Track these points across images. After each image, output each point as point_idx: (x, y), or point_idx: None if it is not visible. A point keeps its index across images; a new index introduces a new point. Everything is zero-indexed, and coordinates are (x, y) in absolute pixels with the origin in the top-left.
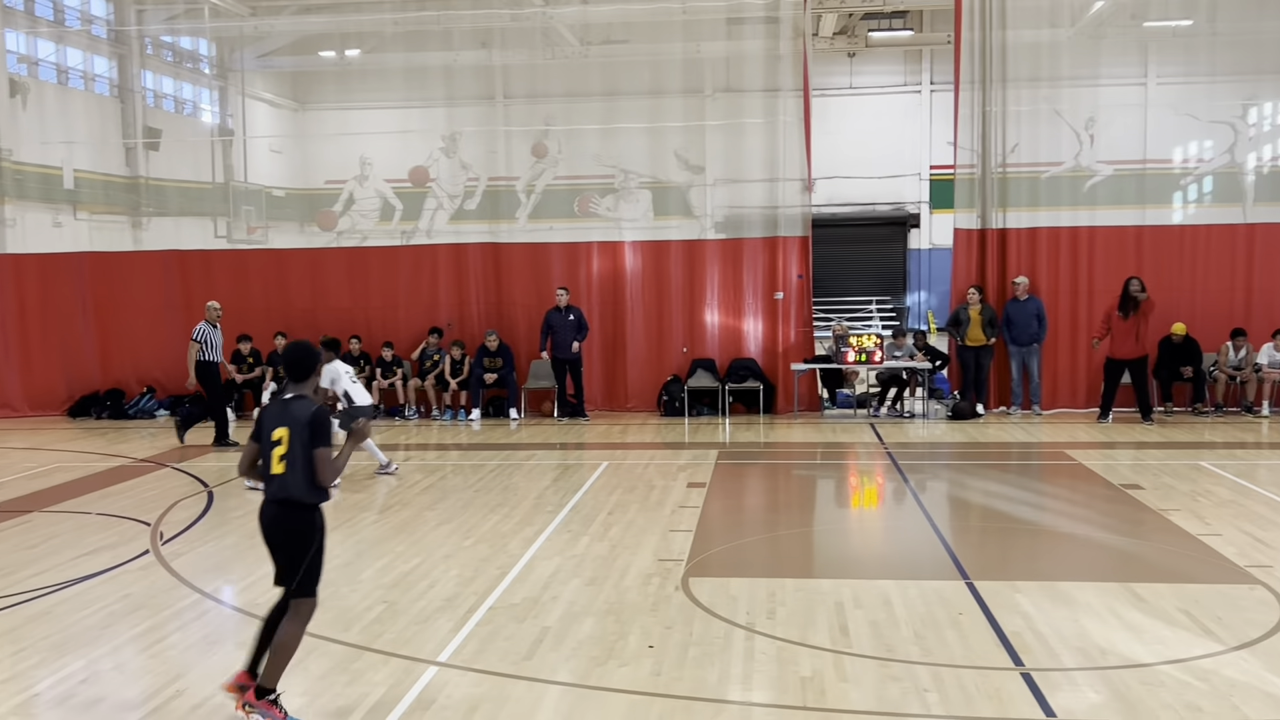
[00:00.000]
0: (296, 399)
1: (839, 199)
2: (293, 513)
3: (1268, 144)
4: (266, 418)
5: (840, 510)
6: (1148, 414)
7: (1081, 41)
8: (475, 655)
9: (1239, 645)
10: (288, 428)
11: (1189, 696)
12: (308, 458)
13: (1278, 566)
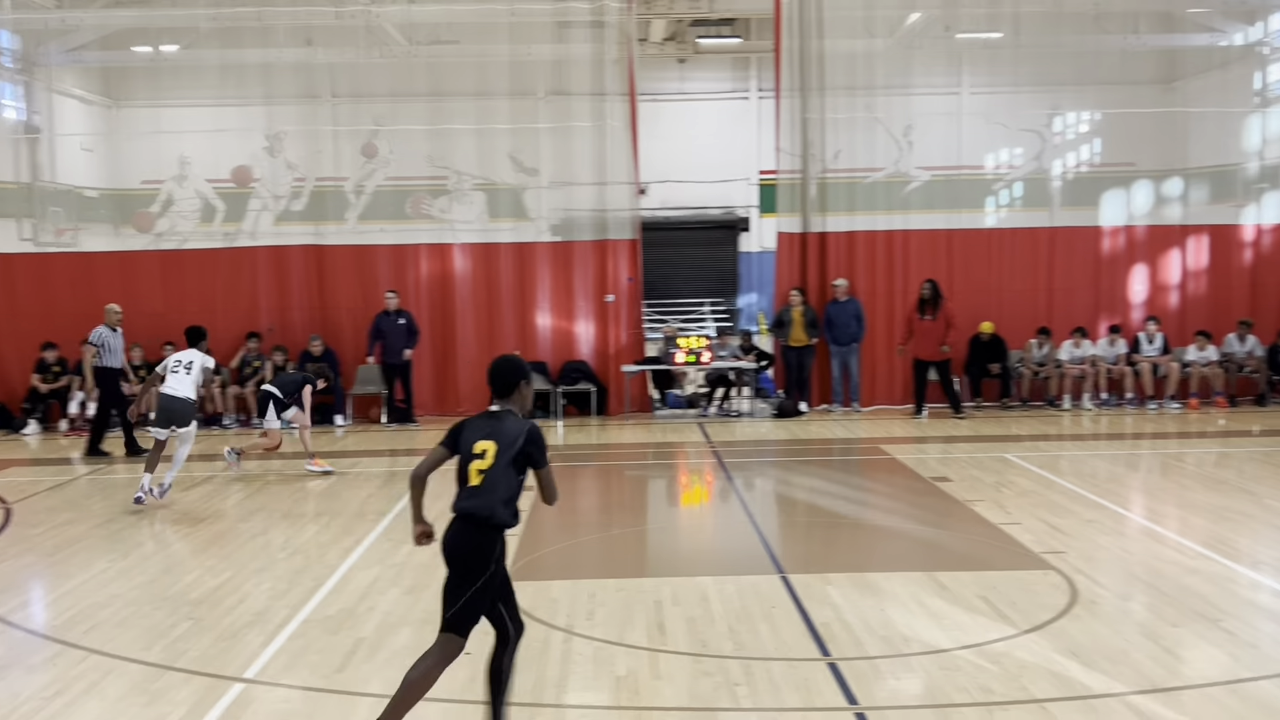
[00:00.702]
0: (505, 413)
1: (672, 202)
2: (478, 531)
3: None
4: (469, 429)
5: (667, 509)
6: (958, 409)
7: (897, 52)
8: (284, 670)
9: (1031, 628)
10: (495, 443)
11: (982, 679)
12: (509, 477)
13: (1071, 552)
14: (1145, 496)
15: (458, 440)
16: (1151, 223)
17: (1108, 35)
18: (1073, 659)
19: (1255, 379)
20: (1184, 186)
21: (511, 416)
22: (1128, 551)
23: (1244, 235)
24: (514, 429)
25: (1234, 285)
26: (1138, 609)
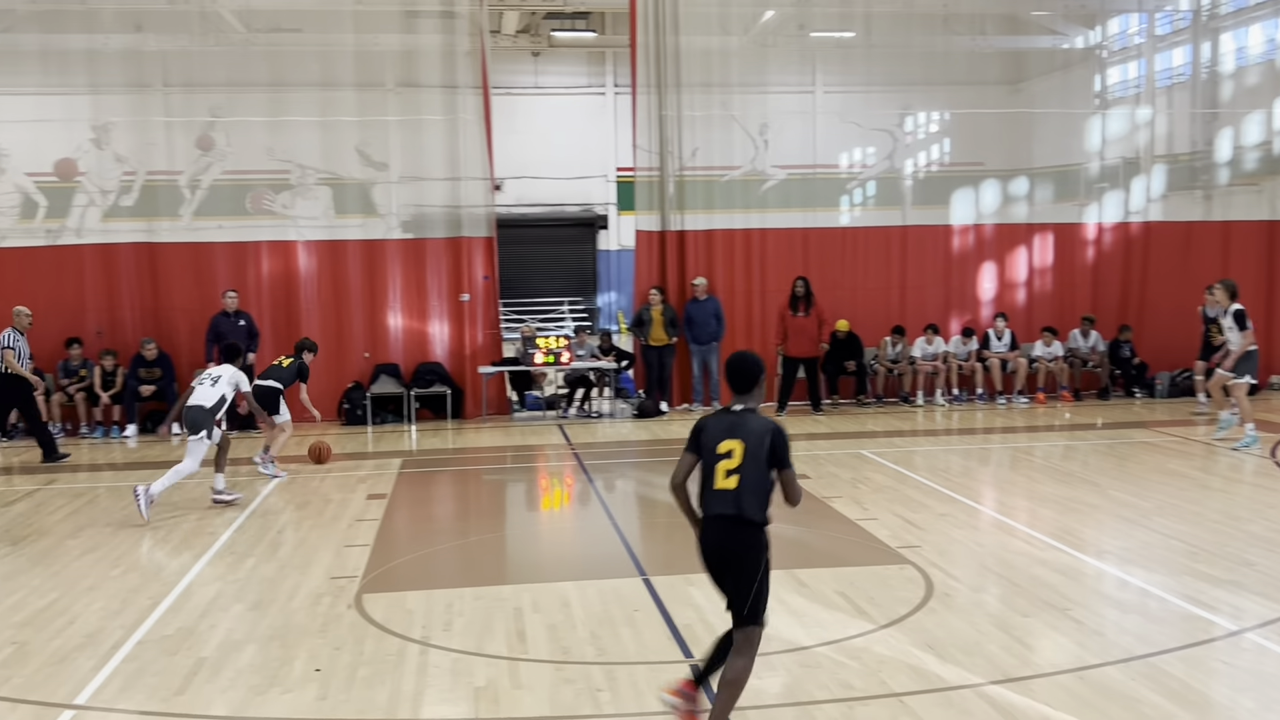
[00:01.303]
0: (747, 411)
1: (528, 199)
2: (744, 531)
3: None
4: (710, 429)
5: (526, 514)
6: (818, 406)
7: (752, 50)
8: (119, 694)
9: (889, 623)
10: (742, 442)
11: (843, 675)
12: (759, 474)
13: (926, 546)
14: (996, 490)
15: (699, 442)
16: (999, 221)
17: (956, 37)
18: (929, 652)
19: (1098, 373)
20: (1029, 186)
21: (753, 415)
22: (980, 544)
23: (1086, 234)
24: (759, 427)
25: (1077, 282)
26: (990, 600)
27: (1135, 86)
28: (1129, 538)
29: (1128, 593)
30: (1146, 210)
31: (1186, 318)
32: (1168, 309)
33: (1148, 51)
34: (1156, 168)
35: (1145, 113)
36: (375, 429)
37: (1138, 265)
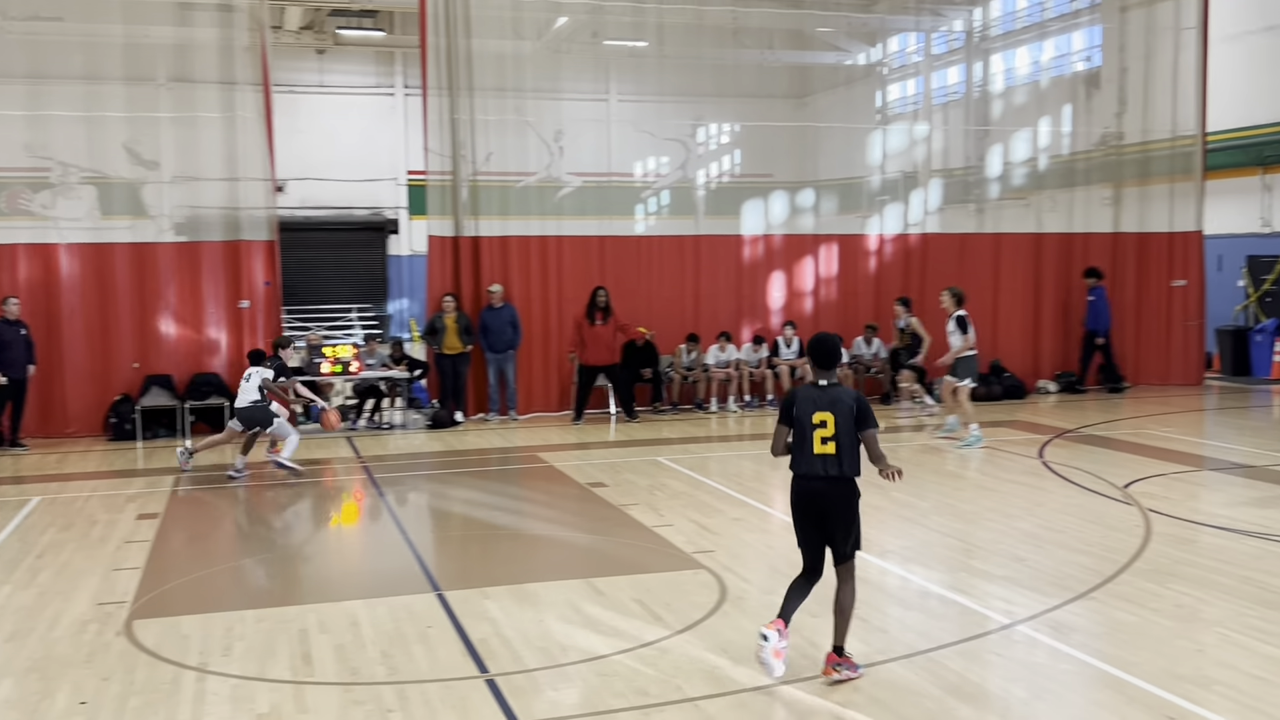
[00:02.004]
0: (833, 385)
1: (314, 202)
2: (846, 487)
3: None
4: (801, 402)
5: (312, 531)
6: (632, 412)
7: (546, 55)
8: None
9: (684, 628)
10: (833, 413)
11: (639, 682)
12: (850, 438)
13: (720, 551)
14: (786, 493)
15: (792, 413)
16: (787, 232)
17: (745, 50)
18: (723, 655)
19: (880, 379)
20: (816, 197)
21: (839, 387)
22: (771, 547)
23: (869, 244)
24: (846, 398)
25: (860, 291)
26: (780, 602)
27: (914, 103)
28: (910, 537)
29: (909, 591)
30: (924, 222)
31: None
32: (944, 317)
33: (925, 70)
34: (933, 182)
35: (923, 129)
36: (146, 444)
37: (916, 275)
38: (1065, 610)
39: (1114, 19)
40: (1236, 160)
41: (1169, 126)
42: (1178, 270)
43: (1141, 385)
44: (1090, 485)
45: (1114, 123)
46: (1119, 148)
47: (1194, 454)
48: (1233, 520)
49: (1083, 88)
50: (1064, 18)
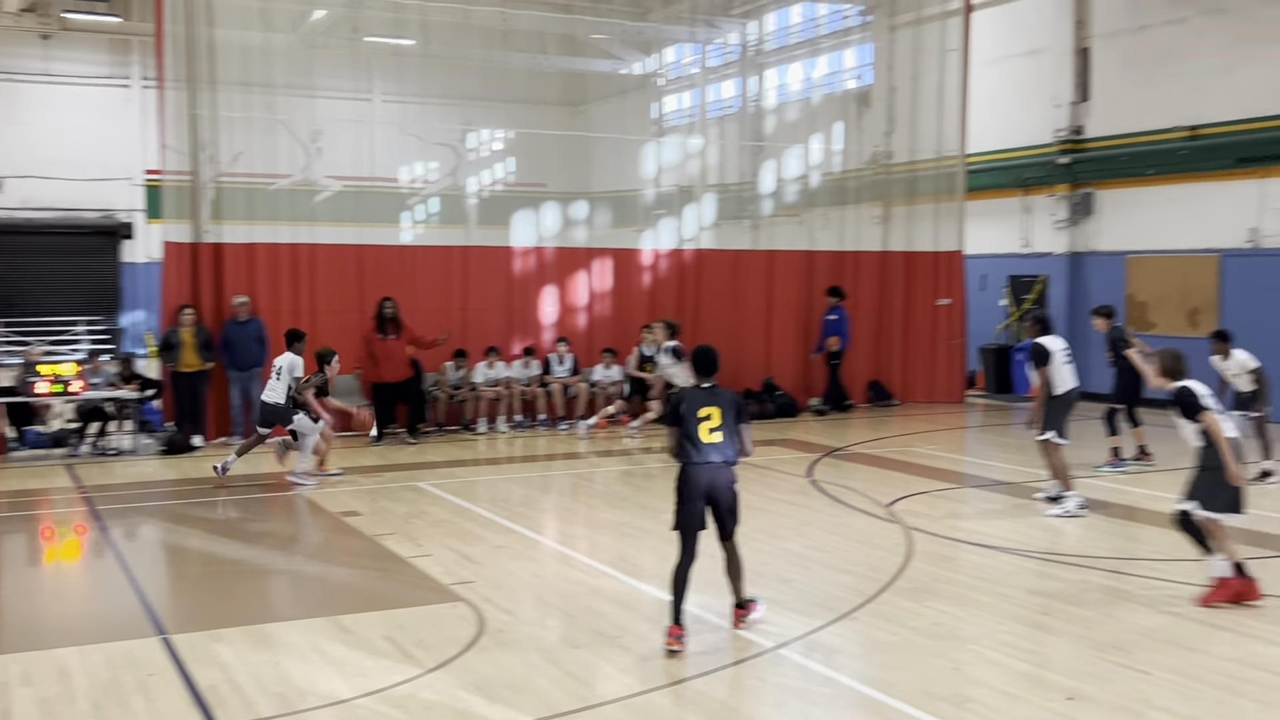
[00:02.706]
0: (715, 387)
1: (37, 202)
2: (730, 471)
3: (487, 169)
4: (689, 401)
5: (21, 571)
6: (415, 432)
7: (301, 50)
8: None
9: (437, 665)
10: (719, 408)
11: None
12: (732, 430)
13: (481, 581)
14: (556, 518)
15: (679, 413)
16: (560, 244)
17: (517, 53)
18: (477, 693)
19: None
20: (590, 210)
21: (720, 389)
22: (536, 576)
23: (643, 259)
24: (728, 397)
25: (635, 306)
26: (543, 634)
27: (690, 116)
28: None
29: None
30: (699, 237)
31: (736, 342)
32: (719, 333)
33: (701, 82)
34: (708, 197)
35: (697, 142)
36: None
37: (691, 291)
38: (827, 632)
39: (884, 38)
40: (999, 181)
41: (934, 147)
42: (942, 289)
43: (909, 403)
44: (856, 504)
45: (883, 142)
46: (888, 167)
47: (956, 471)
48: (990, 536)
49: (854, 106)
50: (836, 35)
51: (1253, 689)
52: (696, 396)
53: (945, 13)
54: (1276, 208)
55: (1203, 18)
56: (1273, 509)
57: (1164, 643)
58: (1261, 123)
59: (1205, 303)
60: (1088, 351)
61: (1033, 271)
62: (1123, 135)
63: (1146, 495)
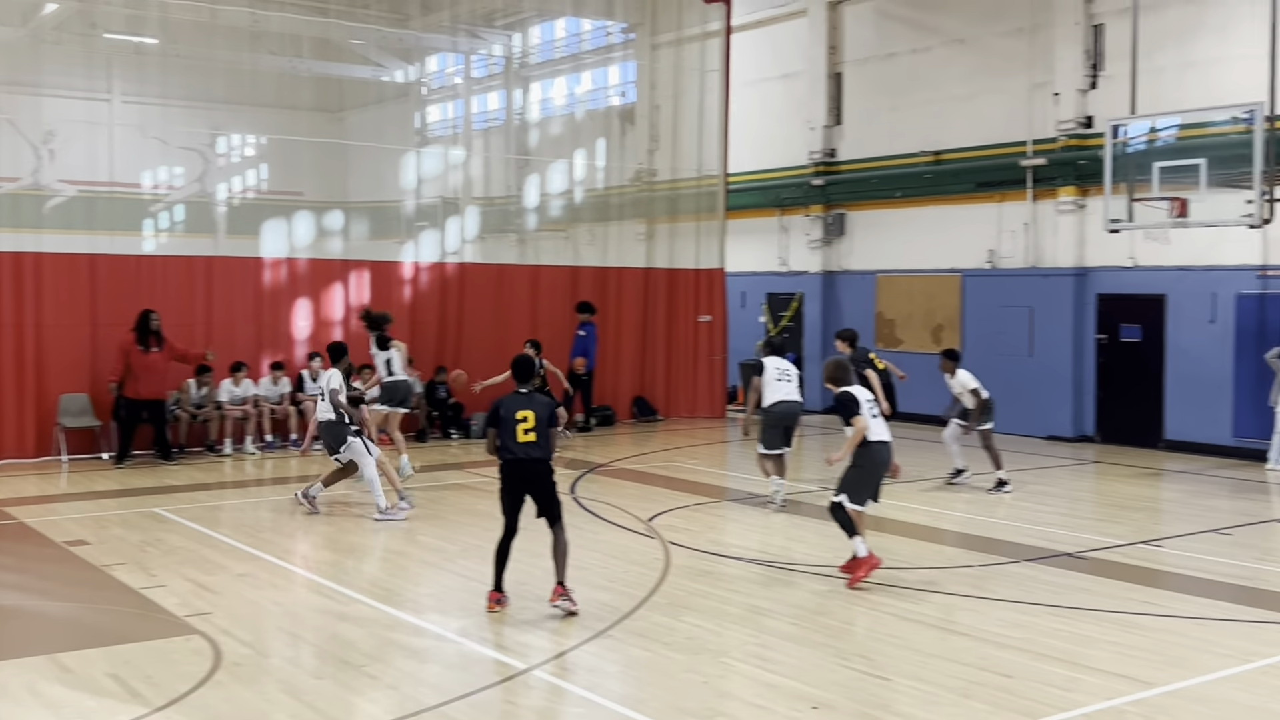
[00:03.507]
0: (532, 392)
1: None
2: (543, 465)
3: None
4: (506, 405)
5: None
6: (169, 454)
7: (29, 44)
8: None
9: (166, 703)
10: (534, 411)
11: None
12: (546, 431)
13: (218, 612)
14: (305, 543)
15: (498, 415)
16: (315, 256)
17: (268, 56)
18: None
19: (416, 415)
20: (347, 220)
21: (537, 393)
22: (279, 604)
23: (404, 272)
24: (543, 403)
25: (395, 320)
26: (283, 665)
27: (454, 127)
28: (433, 584)
29: (427, 641)
30: (462, 251)
31: (501, 358)
32: (482, 350)
33: (464, 93)
34: (472, 209)
35: (459, 153)
36: None
37: (454, 306)
38: (583, 650)
39: (646, 56)
40: (758, 201)
41: (696, 166)
42: (704, 306)
43: (673, 418)
44: (617, 520)
45: (647, 159)
46: (651, 184)
47: (716, 485)
48: (746, 549)
49: (618, 123)
50: (600, 51)
51: (983, 690)
52: (515, 401)
53: (705, 34)
54: (1013, 230)
55: (945, 48)
56: (1006, 517)
57: (905, 650)
58: (998, 149)
59: (949, 320)
60: None
61: (790, 289)
62: (873, 159)
63: (894, 506)
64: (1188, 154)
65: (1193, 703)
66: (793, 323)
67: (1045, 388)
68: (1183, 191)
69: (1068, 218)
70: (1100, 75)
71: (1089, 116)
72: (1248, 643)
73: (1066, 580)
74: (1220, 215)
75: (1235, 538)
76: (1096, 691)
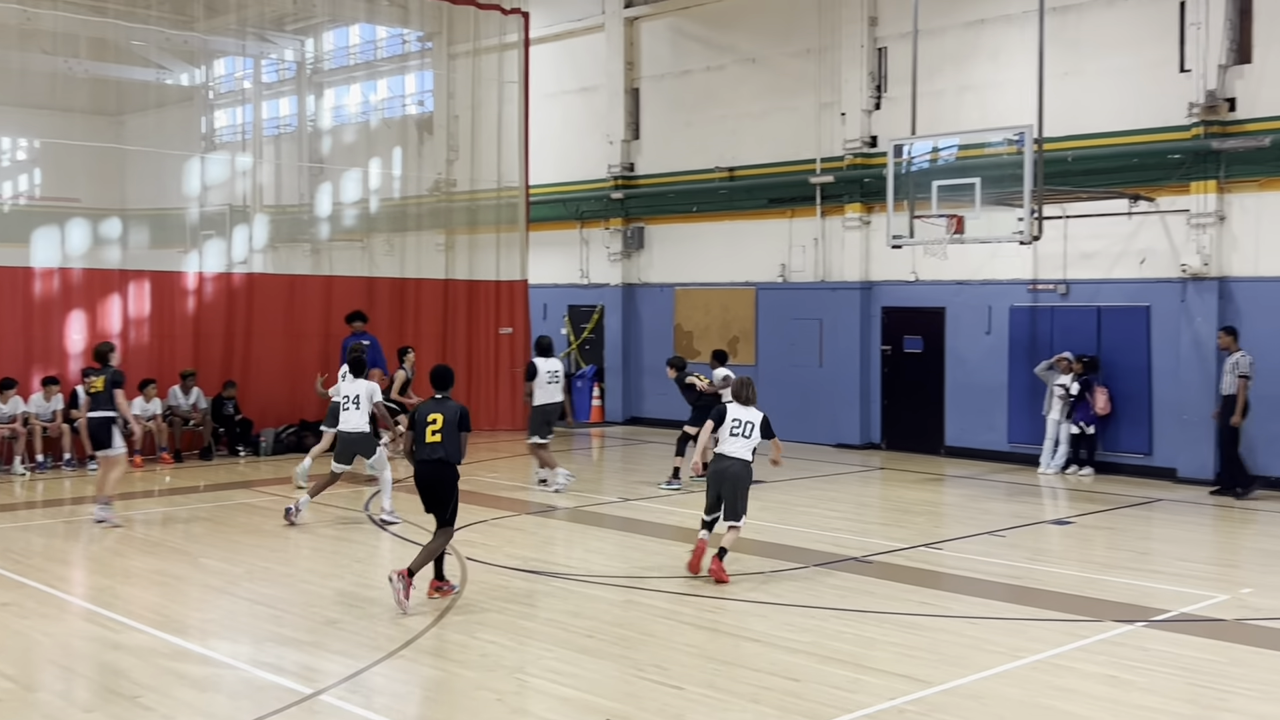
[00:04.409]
0: (446, 399)
1: None
2: (446, 468)
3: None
4: (421, 410)
5: None
6: None
7: None
8: None
9: None
10: (443, 415)
11: None
12: (454, 435)
13: None
14: (80, 569)
15: (414, 419)
16: (90, 265)
17: (43, 55)
18: None
19: (200, 432)
20: (124, 228)
21: (449, 400)
22: (49, 635)
23: (187, 283)
24: (454, 407)
25: (178, 334)
26: (51, 699)
27: (243, 132)
28: (216, 608)
29: (208, 668)
30: (251, 261)
31: (292, 372)
32: (273, 364)
33: (255, 98)
34: (261, 217)
35: (246, 160)
36: None
37: (242, 318)
38: (373, 672)
39: (443, 66)
40: (559, 213)
41: (496, 177)
42: (505, 318)
43: (474, 431)
44: (413, 537)
45: (446, 169)
46: (450, 195)
47: (516, 499)
48: (544, 563)
49: (415, 132)
50: (396, 59)
51: (772, 695)
52: (429, 405)
53: (503, 45)
54: (803, 245)
55: (739, 66)
56: (797, 523)
57: (698, 658)
58: (789, 166)
59: (744, 332)
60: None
61: (591, 301)
62: (670, 174)
63: (687, 515)
64: (965, 173)
65: (968, 699)
66: (594, 335)
67: (834, 397)
68: (960, 209)
69: (854, 233)
70: (884, 97)
71: (874, 136)
72: (1018, 639)
73: (852, 584)
74: (994, 232)
75: (1008, 539)
76: (878, 692)
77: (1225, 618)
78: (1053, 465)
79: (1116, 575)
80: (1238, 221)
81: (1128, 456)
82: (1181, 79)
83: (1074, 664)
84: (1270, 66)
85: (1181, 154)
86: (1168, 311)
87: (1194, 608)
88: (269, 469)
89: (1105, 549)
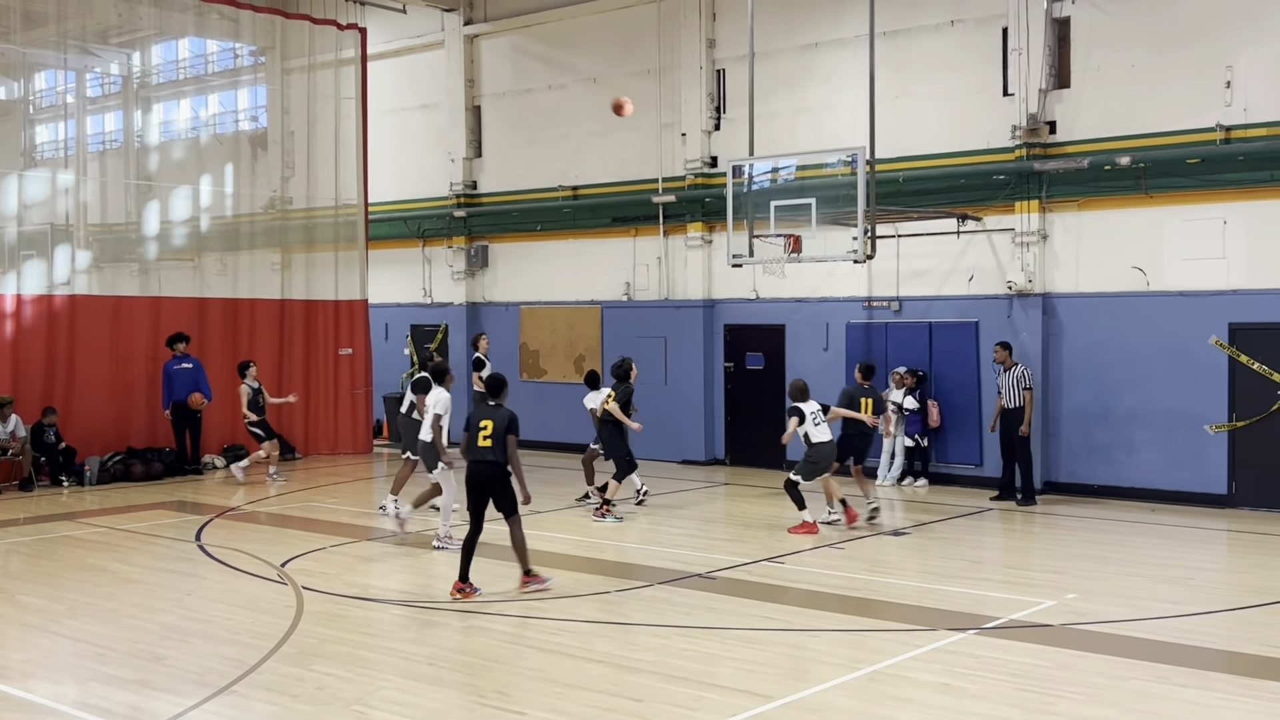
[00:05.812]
0: (498, 405)
1: None
2: (498, 468)
3: None
4: (476, 414)
5: None
6: None
7: None
8: None
9: None
10: (493, 421)
11: None
12: (501, 439)
13: None
14: None
15: (470, 423)
16: None
17: None
18: None
19: (20, 462)
20: None
21: (500, 407)
22: None
23: (4, 305)
24: (503, 414)
25: None
26: None
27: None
28: (35, 648)
29: (28, 714)
30: (74, 282)
31: (118, 397)
32: (98, 388)
33: (78, 113)
34: (85, 237)
35: (68, 177)
36: None
37: (64, 341)
38: (201, 710)
39: (277, 81)
40: (400, 232)
41: (334, 194)
42: (345, 338)
43: (313, 455)
44: (246, 567)
45: (281, 187)
46: (285, 213)
47: (357, 525)
48: (384, 590)
49: (248, 148)
50: (228, 73)
51: (615, 716)
52: (482, 410)
53: (340, 60)
54: (647, 264)
55: (580, 85)
56: (641, 541)
57: (542, 681)
58: (631, 186)
59: (590, 350)
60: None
61: (434, 321)
62: (513, 192)
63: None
64: (801, 194)
65: (807, 713)
66: (439, 354)
67: (679, 414)
68: (797, 229)
69: (696, 252)
70: (723, 118)
71: (714, 156)
72: (857, 650)
73: (696, 600)
74: (830, 251)
75: (847, 551)
76: (720, 709)
77: (1052, 623)
78: (889, 477)
79: (951, 584)
80: (1059, 240)
81: (959, 468)
82: (1005, 103)
83: (909, 673)
84: (1087, 91)
85: (1006, 175)
86: (995, 327)
87: (1023, 614)
88: (94, 499)
89: (940, 558)
